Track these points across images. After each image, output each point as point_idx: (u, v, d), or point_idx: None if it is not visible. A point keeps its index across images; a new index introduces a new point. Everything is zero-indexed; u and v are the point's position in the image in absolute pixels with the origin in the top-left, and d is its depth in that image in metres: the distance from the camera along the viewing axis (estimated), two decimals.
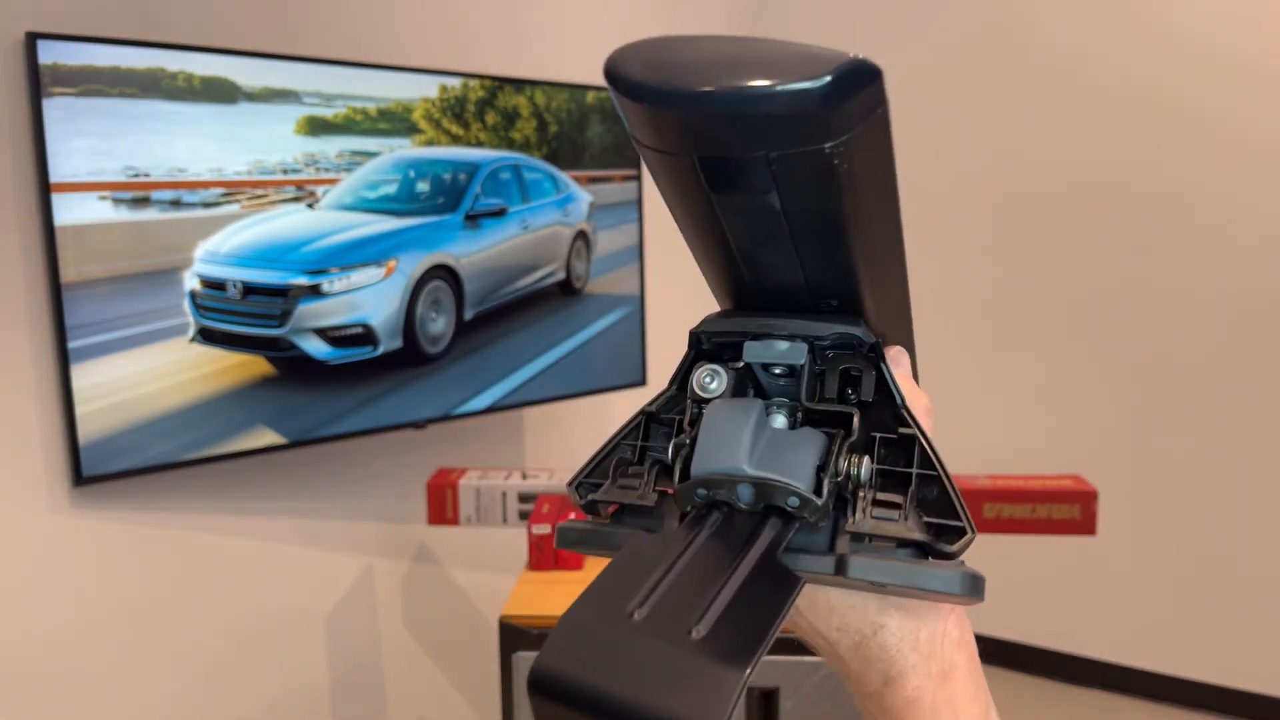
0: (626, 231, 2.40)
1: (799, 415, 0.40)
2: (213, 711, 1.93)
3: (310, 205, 1.83)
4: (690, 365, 0.41)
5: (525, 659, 1.59)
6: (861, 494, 0.38)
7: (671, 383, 0.42)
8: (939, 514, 0.38)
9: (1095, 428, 2.84)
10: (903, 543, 0.37)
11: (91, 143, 1.57)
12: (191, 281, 1.70)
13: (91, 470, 1.62)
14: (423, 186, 1.99)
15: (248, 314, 1.77)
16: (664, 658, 0.31)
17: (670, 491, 0.40)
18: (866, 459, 0.38)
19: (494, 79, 2.07)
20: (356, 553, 2.15)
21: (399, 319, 1.94)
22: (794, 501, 0.36)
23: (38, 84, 1.51)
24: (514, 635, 1.60)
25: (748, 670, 0.30)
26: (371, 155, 1.91)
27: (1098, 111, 2.72)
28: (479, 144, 2.06)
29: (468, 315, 2.08)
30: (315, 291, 1.82)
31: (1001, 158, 2.88)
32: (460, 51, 2.15)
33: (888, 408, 0.40)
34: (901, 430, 0.39)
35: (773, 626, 0.33)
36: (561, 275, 2.26)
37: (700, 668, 0.30)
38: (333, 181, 1.86)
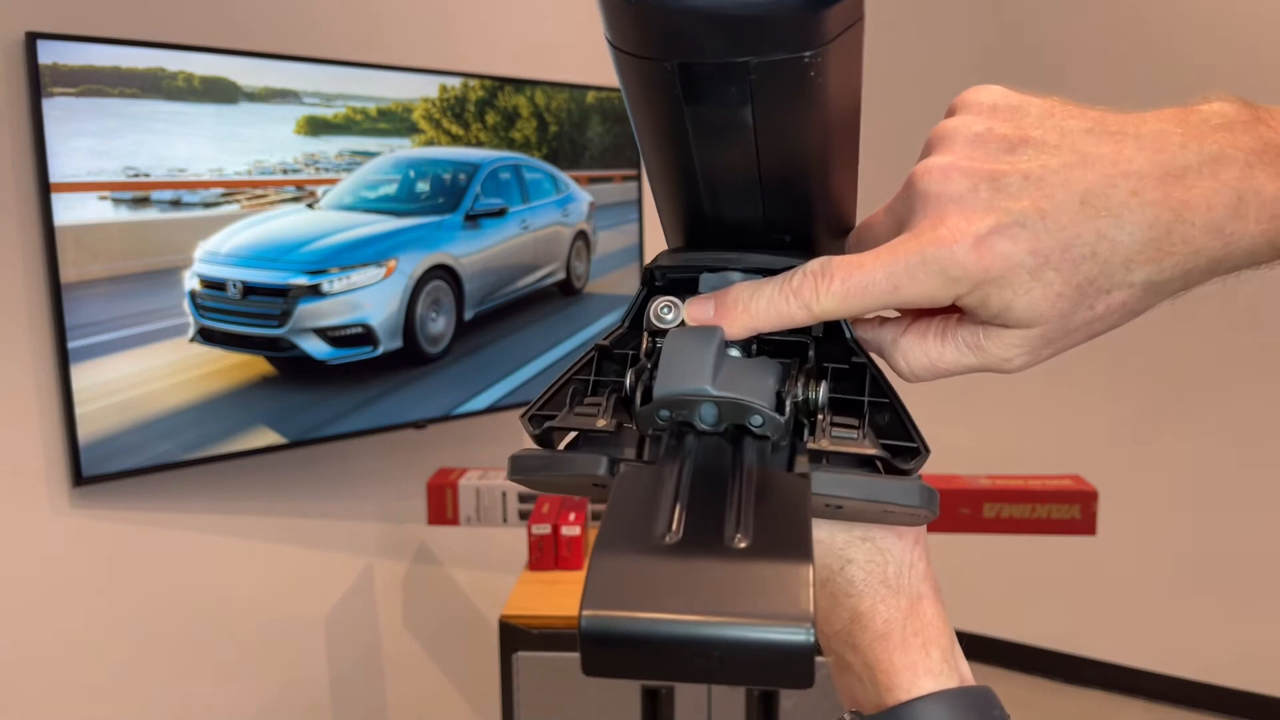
0: (626, 231, 2.40)
1: (754, 347, 0.40)
2: (213, 711, 1.93)
3: (310, 205, 1.83)
4: (644, 301, 0.41)
5: (525, 659, 1.59)
6: (820, 416, 0.38)
7: (624, 319, 0.42)
8: (893, 437, 0.39)
9: (1095, 428, 2.84)
10: (860, 461, 0.38)
11: (91, 143, 1.57)
12: (191, 281, 1.70)
13: (91, 470, 1.62)
14: (423, 186, 1.99)
15: (248, 314, 1.77)
16: (720, 572, 0.30)
17: (625, 423, 0.40)
18: (824, 383, 0.38)
19: (494, 79, 2.07)
20: (356, 553, 2.15)
21: (399, 319, 1.94)
22: (757, 420, 0.36)
23: (38, 84, 1.51)
24: (514, 635, 1.60)
25: (812, 563, 0.30)
26: (371, 155, 1.91)
27: (1098, 103, 2.71)
28: (479, 144, 2.06)
29: (468, 315, 2.08)
30: (315, 291, 1.82)
31: None
32: (460, 51, 2.15)
33: (837, 342, 0.40)
34: (853, 360, 0.40)
35: (808, 521, 0.32)
36: (561, 275, 2.26)
37: (765, 571, 0.30)
38: (333, 181, 1.86)
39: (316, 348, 1.84)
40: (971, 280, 0.34)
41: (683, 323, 0.39)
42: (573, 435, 0.41)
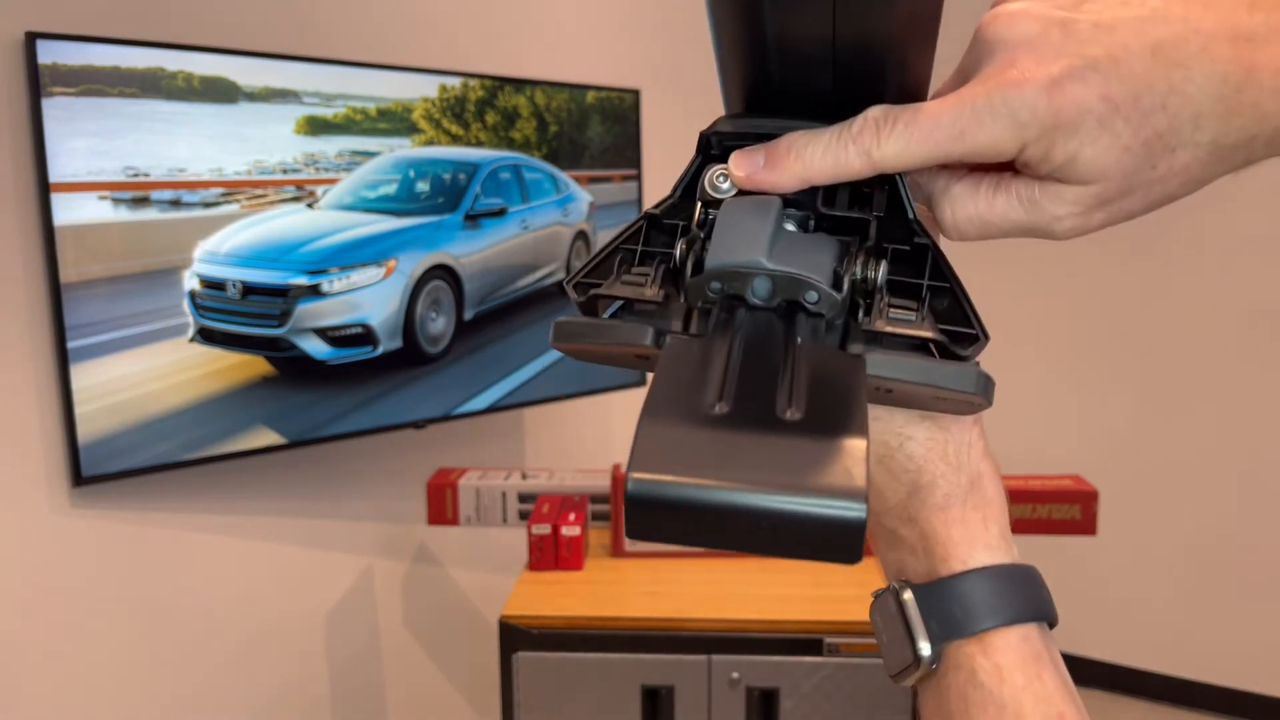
0: None
1: (811, 224, 0.39)
2: (212, 712, 1.93)
3: (310, 205, 1.83)
4: (698, 170, 0.40)
5: (525, 659, 1.59)
6: (877, 297, 0.37)
7: (675, 189, 0.41)
8: (952, 323, 0.38)
9: (1095, 428, 2.83)
10: (916, 345, 0.37)
11: (91, 142, 1.57)
12: (191, 281, 1.70)
13: (91, 470, 1.62)
14: (422, 186, 1.99)
15: (247, 314, 1.77)
16: (772, 443, 0.29)
17: (672, 296, 0.39)
18: (883, 263, 0.37)
19: (494, 79, 2.07)
20: (356, 553, 2.15)
21: (399, 319, 1.94)
22: (813, 297, 0.35)
23: (37, 84, 1.51)
24: (514, 635, 1.59)
25: (867, 438, 0.29)
26: (371, 155, 1.91)
27: None
28: (479, 144, 2.06)
29: (468, 315, 2.08)
30: (315, 291, 1.82)
31: None
32: (460, 51, 2.15)
33: (899, 222, 0.39)
34: (915, 240, 0.38)
35: (862, 398, 0.32)
36: (561, 275, 2.26)
37: (818, 444, 0.29)
38: (332, 181, 1.86)
39: (316, 348, 1.84)
40: (1040, 124, 0.33)
41: (739, 193, 0.38)
42: (617, 306, 0.40)
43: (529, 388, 2.22)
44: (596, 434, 2.62)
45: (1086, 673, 2.94)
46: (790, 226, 0.38)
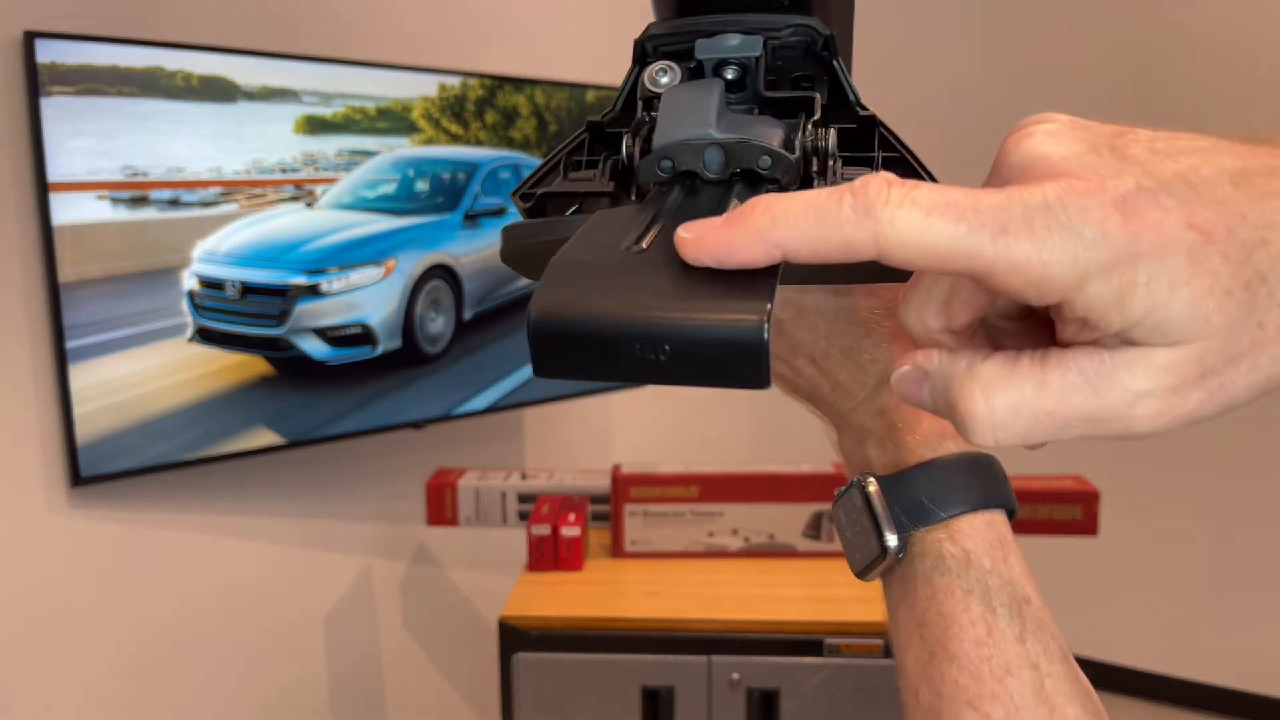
0: None
1: (755, 111, 0.38)
2: (211, 712, 1.92)
3: (309, 205, 1.83)
4: (636, 79, 0.39)
5: (525, 660, 1.59)
6: (831, 163, 0.36)
7: (615, 102, 0.40)
8: None
9: None
10: None
11: (90, 142, 1.57)
12: (190, 281, 1.70)
13: (90, 471, 1.62)
14: (422, 186, 1.99)
15: (246, 314, 1.77)
16: (682, 277, 0.28)
17: (623, 195, 0.38)
18: (833, 130, 0.36)
19: (493, 78, 2.07)
20: (355, 553, 2.15)
21: (398, 319, 1.94)
22: (766, 161, 0.34)
23: (35, 83, 1.50)
24: (513, 636, 1.59)
25: (776, 278, 0.28)
26: (370, 154, 1.91)
27: (1100, 105, 2.71)
28: (478, 143, 2.06)
29: (467, 315, 2.07)
30: (314, 291, 1.82)
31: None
32: (459, 50, 2.15)
33: (843, 106, 0.38)
34: (860, 115, 0.38)
35: None
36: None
37: (730, 276, 0.28)
38: (331, 181, 1.86)
39: (315, 347, 1.84)
40: (1114, 249, 0.24)
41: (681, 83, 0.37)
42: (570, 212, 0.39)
43: (529, 388, 2.21)
44: (596, 434, 2.61)
45: (1087, 673, 2.93)
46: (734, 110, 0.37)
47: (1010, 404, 0.27)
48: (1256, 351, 0.25)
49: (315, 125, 1.82)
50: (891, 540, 0.40)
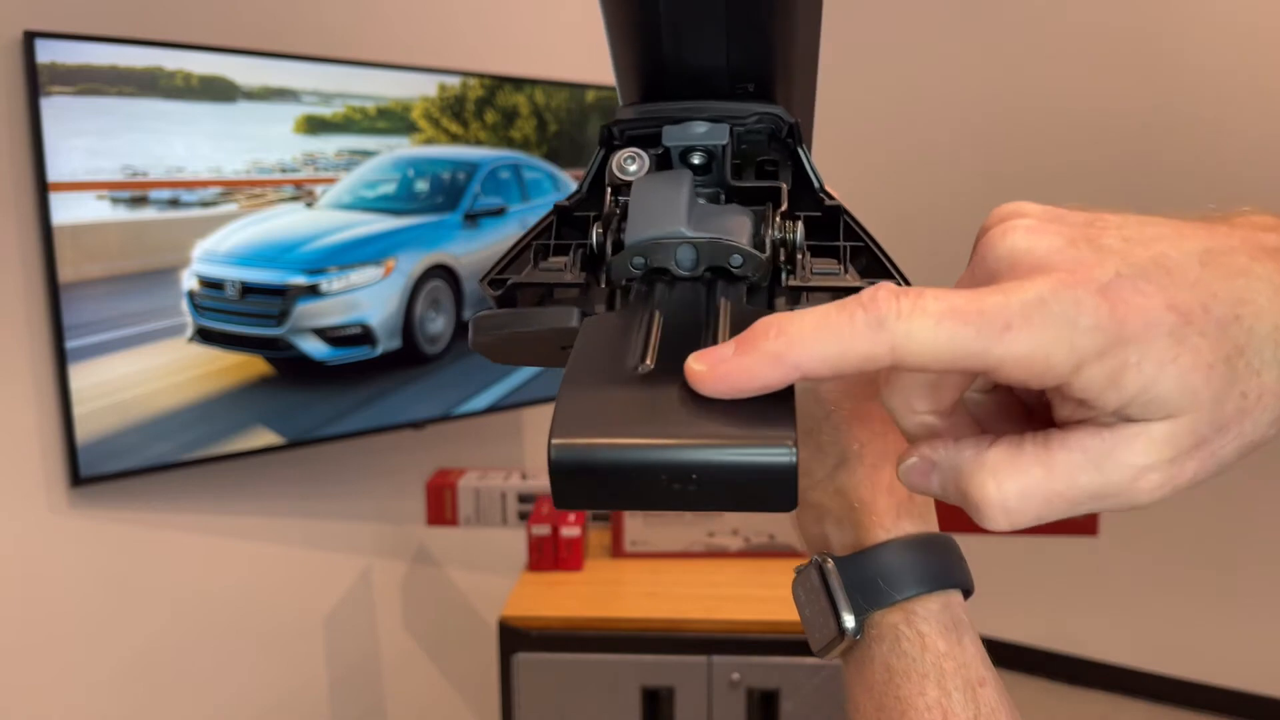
0: None
1: (722, 197, 0.38)
2: (211, 712, 1.92)
3: (308, 204, 1.83)
4: (603, 162, 0.39)
5: (525, 660, 1.59)
6: (799, 256, 0.36)
7: (582, 184, 0.40)
8: (873, 277, 0.37)
9: None
10: (842, 294, 0.36)
11: (89, 142, 1.57)
12: (190, 281, 1.70)
13: (89, 471, 1.61)
14: (421, 185, 1.99)
15: (246, 314, 1.77)
16: (700, 402, 0.28)
17: (593, 283, 0.38)
18: (800, 223, 0.36)
19: (493, 77, 2.07)
20: (355, 553, 2.15)
21: (398, 319, 1.94)
22: (737, 260, 0.34)
23: (35, 83, 1.50)
24: (513, 636, 1.59)
25: (793, 398, 0.28)
26: (370, 154, 1.90)
27: (1102, 101, 2.71)
28: (478, 143, 2.06)
29: (467, 315, 2.07)
30: (313, 291, 1.82)
31: (1001, 148, 2.88)
32: (459, 50, 2.15)
33: (806, 192, 0.39)
34: (826, 203, 0.38)
35: None
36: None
37: (746, 402, 0.28)
38: (331, 180, 1.86)
39: (315, 347, 1.84)
40: (1105, 335, 0.26)
41: (649, 173, 0.37)
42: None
43: (529, 388, 2.21)
44: None
45: (1087, 673, 2.93)
46: (702, 201, 0.38)
47: (1020, 489, 0.28)
48: (1241, 418, 0.27)
49: (315, 125, 1.82)
50: (849, 621, 0.41)
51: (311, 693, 2.11)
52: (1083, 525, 1.79)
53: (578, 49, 2.35)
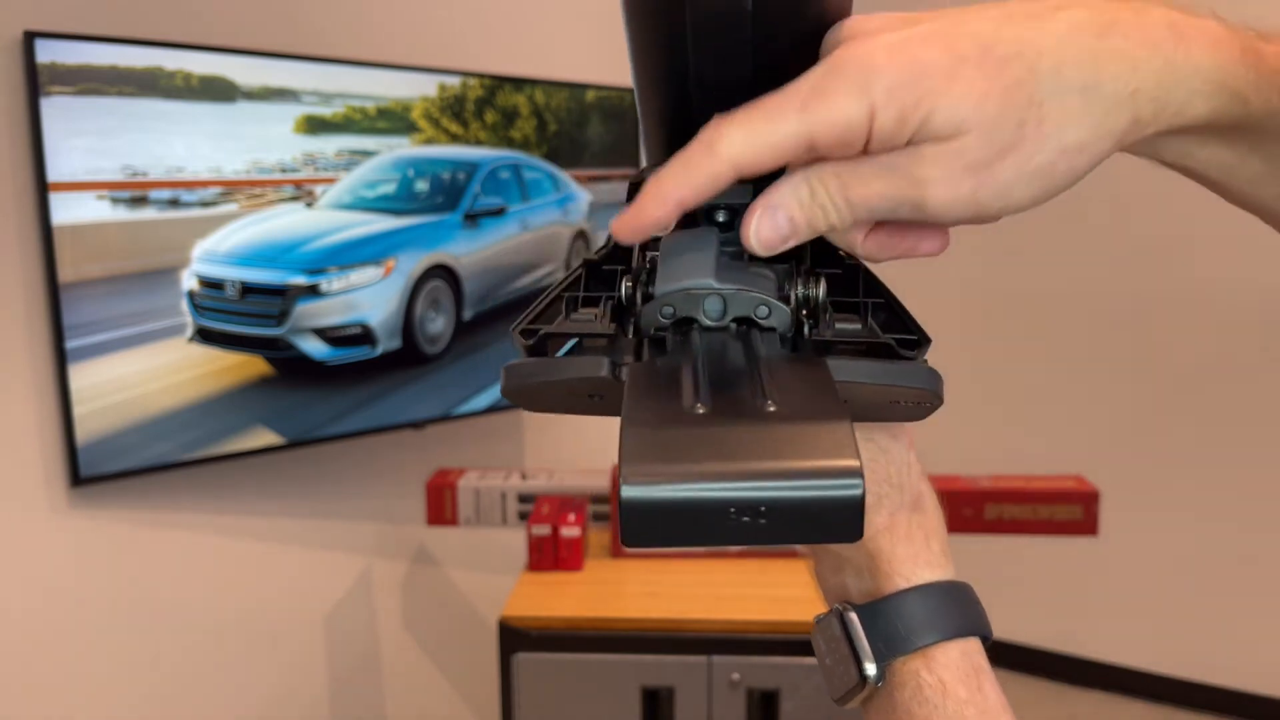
0: None
1: (746, 256, 0.40)
2: (211, 712, 1.92)
3: (308, 204, 1.83)
4: None
5: (525, 660, 1.59)
6: (822, 311, 0.38)
7: (609, 239, 0.41)
8: (893, 333, 0.39)
9: (1097, 428, 2.83)
10: (865, 351, 0.38)
11: (89, 142, 1.57)
12: (189, 281, 1.70)
13: (89, 471, 1.61)
14: (421, 186, 1.99)
15: (246, 314, 1.77)
16: (760, 433, 0.29)
17: (621, 334, 0.39)
18: (822, 280, 0.38)
19: (493, 77, 2.07)
20: (355, 553, 2.15)
21: (398, 319, 1.94)
22: (764, 311, 0.36)
23: (35, 83, 1.50)
24: (513, 636, 1.59)
25: (850, 418, 0.29)
26: (370, 154, 1.90)
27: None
28: (478, 143, 2.06)
29: (467, 315, 2.07)
30: (313, 291, 1.82)
31: None
32: (459, 50, 2.15)
33: (828, 250, 0.40)
34: (846, 262, 0.40)
35: (834, 386, 0.33)
36: (562, 274, 2.25)
37: (804, 429, 0.29)
38: (331, 180, 1.85)
39: (315, 347, 1.84)
40: (886, 84, 0.30)
41: (676, 229, 0.39)
42: (568, 347, 0.41)
43: None
44: (596, 434, 2.61)
45: (1087, 673, 2.93)
46: (726, 258, 0.39)
47: (844, 200, 0.33)
48: (1020, 149, 0.31)
49: (315, 125, 1.82)
50: (870, 670, 0.42)
51: (311, 693, 2.11)
52: (1083, 525, 1.80)
53: (578, 49, 2.35)
